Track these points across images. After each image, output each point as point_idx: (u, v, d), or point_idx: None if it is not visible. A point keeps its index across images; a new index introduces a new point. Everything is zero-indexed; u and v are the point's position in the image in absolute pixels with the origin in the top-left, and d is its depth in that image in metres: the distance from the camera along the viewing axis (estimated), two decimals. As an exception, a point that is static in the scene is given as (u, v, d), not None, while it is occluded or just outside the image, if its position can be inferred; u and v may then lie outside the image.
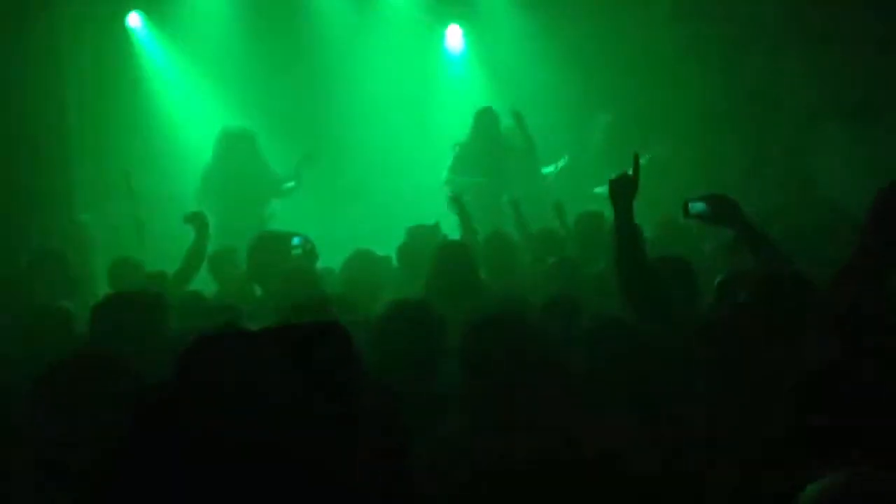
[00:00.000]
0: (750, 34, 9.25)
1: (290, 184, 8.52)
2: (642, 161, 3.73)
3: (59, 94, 7.11)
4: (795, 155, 9.30)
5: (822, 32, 8.81)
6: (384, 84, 10.37)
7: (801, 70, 9.14)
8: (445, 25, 11.04)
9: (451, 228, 7.04)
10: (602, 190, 8.84)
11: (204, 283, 6.16)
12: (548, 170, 9.29)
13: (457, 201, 6.21)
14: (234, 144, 8.44)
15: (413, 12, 10.78)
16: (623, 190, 3.53)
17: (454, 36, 11.11)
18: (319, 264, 6.00)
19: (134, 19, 10.02)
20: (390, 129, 10.22)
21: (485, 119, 8.72)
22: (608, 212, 3.79)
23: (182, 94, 10.17)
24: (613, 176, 3.59)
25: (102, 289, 6.03)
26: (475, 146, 8.67)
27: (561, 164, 9.26)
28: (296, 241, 5.92)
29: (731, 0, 9.30)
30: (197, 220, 6.09)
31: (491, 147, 8.65)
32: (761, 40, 9.24)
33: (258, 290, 5.80)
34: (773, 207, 6.94)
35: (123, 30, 10.01)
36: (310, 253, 5.93)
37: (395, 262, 6.31)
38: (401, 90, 10.43)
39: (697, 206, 3.69)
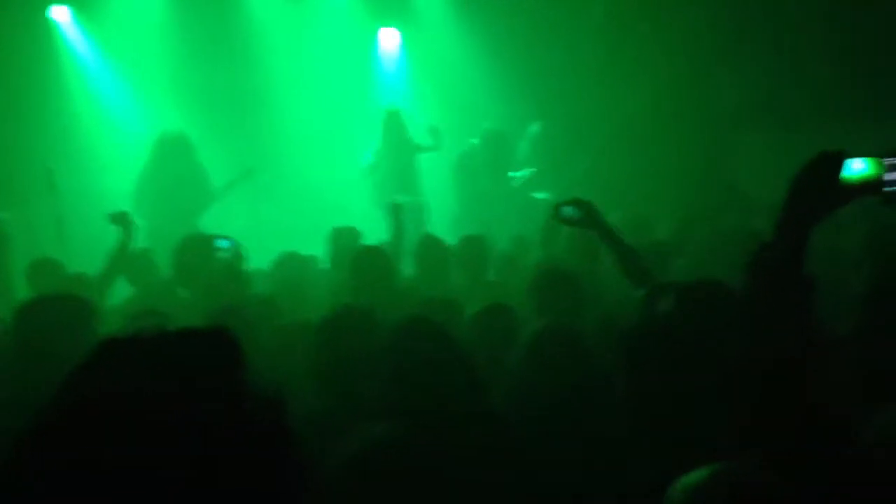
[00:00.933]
0: (677, 42, 9.46)
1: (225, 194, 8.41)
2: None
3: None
4: (719, 161, 9.56)
5: (748, 42, 9.08)
6: (316, 82, 10.42)
7: (726, 79, 9.40)
8: (379, 26, 11.07)
9: (373, 229, 7.11)
10: (542, 195, 9.02)
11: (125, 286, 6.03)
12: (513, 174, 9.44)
13: (395, 208, 6.22)
14: (171, 150, 8.22)
15: (348, 12, 10.79)
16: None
17: (388, 37, 11.15)
18: (249, 265, 5.94)
19: (60, 12, 9.80)
20: (318, 127, 10.25)
21: (392, 120, 9.29)
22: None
23: (108, 88, 9.97)
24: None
25: (20, 288, 5.88)
26: (384, 145, 9.24)
27: (525, 173, 9.38)
28: (222, 243, 5.83)
29: (661, 8, 9.51)
30: (122, 220, 5.93)
31: (398, 145, 9.18)
32: (688, 49, 9.46)
33: (182, 293, 5.70)
34: (698, 211, 7.12)
35: (47, 22, 9.80)
36: (236, 255, 5.85)
37: (320, 263, 6.33)
38: (332, 88, 10.48)
39: (566, 210, 3.98)
